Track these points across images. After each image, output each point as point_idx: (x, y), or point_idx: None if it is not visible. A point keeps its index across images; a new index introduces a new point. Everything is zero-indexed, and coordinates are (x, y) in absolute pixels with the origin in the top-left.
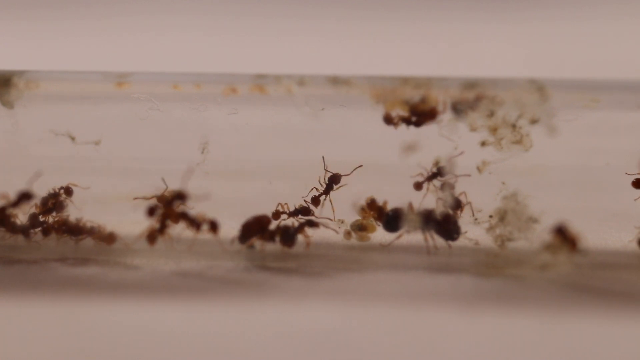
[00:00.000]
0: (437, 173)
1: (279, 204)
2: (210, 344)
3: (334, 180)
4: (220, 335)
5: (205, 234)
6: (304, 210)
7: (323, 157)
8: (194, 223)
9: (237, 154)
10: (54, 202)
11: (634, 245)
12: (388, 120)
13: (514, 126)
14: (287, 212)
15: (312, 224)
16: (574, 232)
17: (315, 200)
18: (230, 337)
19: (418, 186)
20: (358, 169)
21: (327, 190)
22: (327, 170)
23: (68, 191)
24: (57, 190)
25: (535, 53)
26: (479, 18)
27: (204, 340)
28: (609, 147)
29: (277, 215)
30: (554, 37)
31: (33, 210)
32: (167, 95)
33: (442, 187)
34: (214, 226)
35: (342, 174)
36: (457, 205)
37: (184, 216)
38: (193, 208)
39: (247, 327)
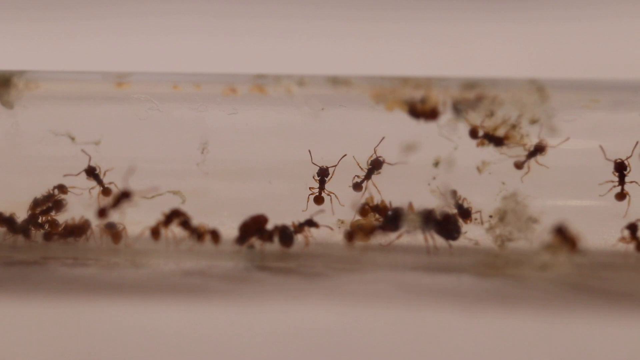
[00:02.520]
0: (373, 168)
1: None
2: (210, 344)
3: (375, 164)
4: (220, 335)
5: (207, 242)
6: (376, 164)
7: (383, 138)
8: (196, 233)
9: (237, 154)
10: (52, 201)
11: (633, 245)
12: (473, 134)
13: (514, 126)
14: (362, 177)
15: (312, 224)
16: (574, 232)
17: (357, 186)
18: (230, 337)
19: (357, 187)
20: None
21: (369, 175)
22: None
23: (62, 189)
24: (52, 191)
25: (535, 53)
26: (479, 18)
27: (204, 340)
28: (609, 147)
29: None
30: (554, 37)
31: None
32: (167, 95)
33: (447, 194)
34: (215, 236)
35: (384, 160)
36: (467, 214)
37: (185, 226)
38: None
39: (247, 327)
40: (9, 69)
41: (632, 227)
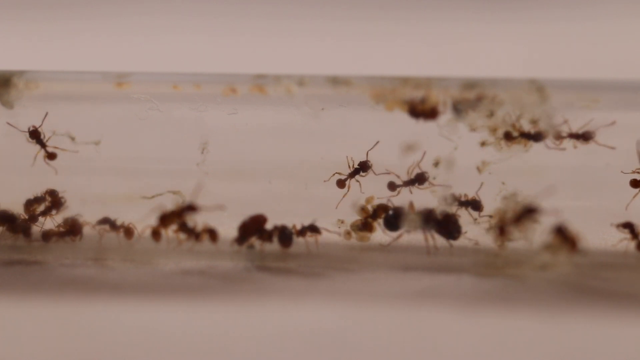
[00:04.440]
0: (360, 168)
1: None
2: (210, 344)
3: (420, 178)
4: (220, 335)
5: (205, 242)
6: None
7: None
8: (193, 233)
9: (237, 154)
10: (51, 200)
11: (633, 245)
12: (509, 137)
13: (513, 126)
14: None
15: (315, 230)
16: (574, 232)
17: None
18: (230, 337)
19: (341, 184)
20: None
21: (353, 174)
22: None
23: (53, 194)
24: (42, 195)
25: (535, 53)
26: (479, 18)
27: (204, 340)
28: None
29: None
30: (554, 37)
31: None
32: (167, 95)
33: (447, 199)
34: (212, 235)
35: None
36: (477, 205)
37: (182, 227)
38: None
39: (247, 327)
40: (9, 69)
41: (629, 226)
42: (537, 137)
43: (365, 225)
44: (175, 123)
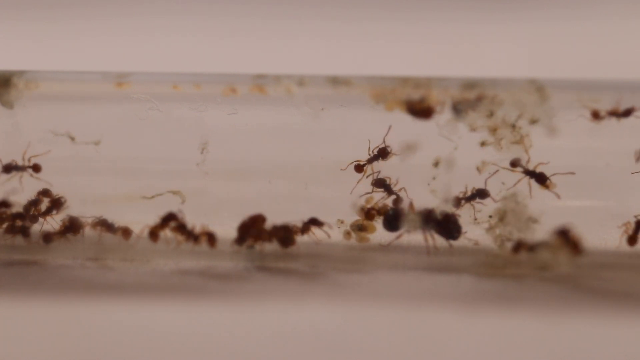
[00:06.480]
0: (379, 155)
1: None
2: (210, 344)
3: (381, 153)
4: (220, 335)
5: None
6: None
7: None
8: (191, 236)
9: (237, 154)
10: (50, 200)
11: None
12: (596, 116)
13: (513, 126)
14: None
15: (317, 223)
16: (577, 235)
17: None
18: (230, 337)
19: (359, 168)
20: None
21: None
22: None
23: (45, 193)
24: (37, 197)
25: (535, 53)
26: (479, 18)
27: (203, 340)
28: (609, 147)
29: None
30: (554, 37)
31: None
32: (167, 95)
33: (450, 201)
34: (211, 239)
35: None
36: (484, 194)
37: (180, 231)
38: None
39: (247, 327)
40: (9, 69)
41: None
42: (626, 113)
43: (367, 215)
44: (175, 123)
